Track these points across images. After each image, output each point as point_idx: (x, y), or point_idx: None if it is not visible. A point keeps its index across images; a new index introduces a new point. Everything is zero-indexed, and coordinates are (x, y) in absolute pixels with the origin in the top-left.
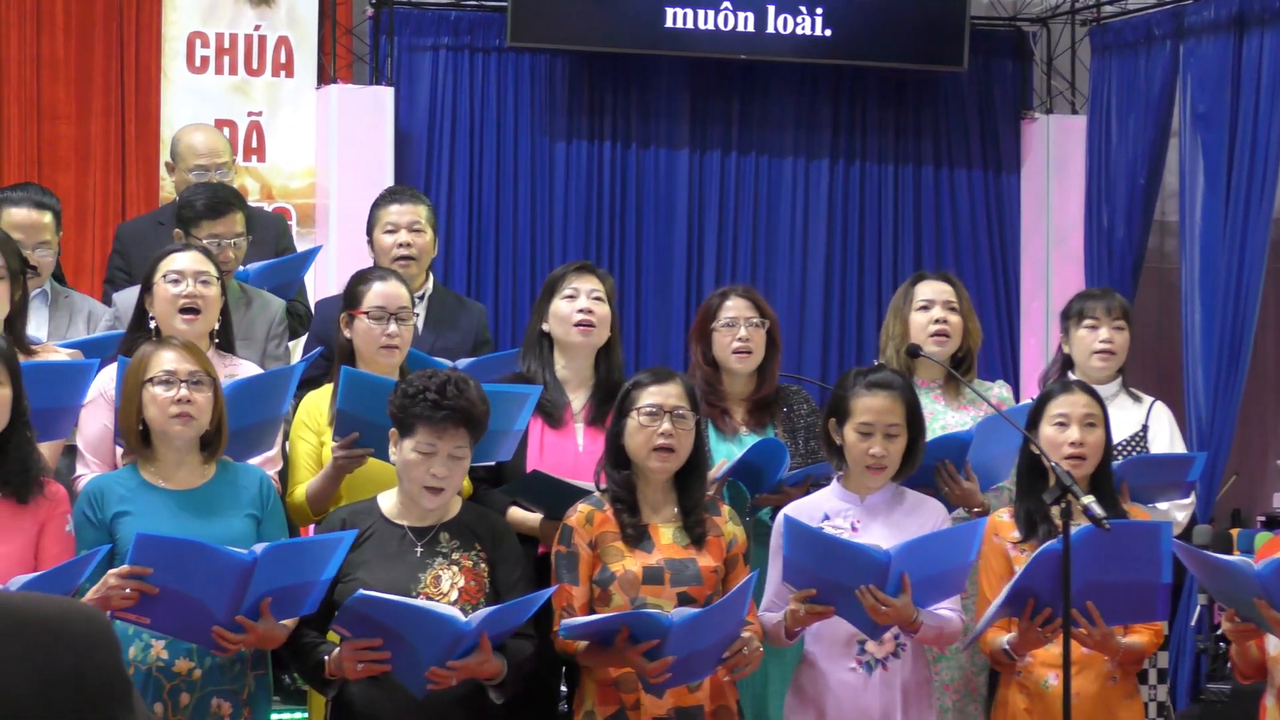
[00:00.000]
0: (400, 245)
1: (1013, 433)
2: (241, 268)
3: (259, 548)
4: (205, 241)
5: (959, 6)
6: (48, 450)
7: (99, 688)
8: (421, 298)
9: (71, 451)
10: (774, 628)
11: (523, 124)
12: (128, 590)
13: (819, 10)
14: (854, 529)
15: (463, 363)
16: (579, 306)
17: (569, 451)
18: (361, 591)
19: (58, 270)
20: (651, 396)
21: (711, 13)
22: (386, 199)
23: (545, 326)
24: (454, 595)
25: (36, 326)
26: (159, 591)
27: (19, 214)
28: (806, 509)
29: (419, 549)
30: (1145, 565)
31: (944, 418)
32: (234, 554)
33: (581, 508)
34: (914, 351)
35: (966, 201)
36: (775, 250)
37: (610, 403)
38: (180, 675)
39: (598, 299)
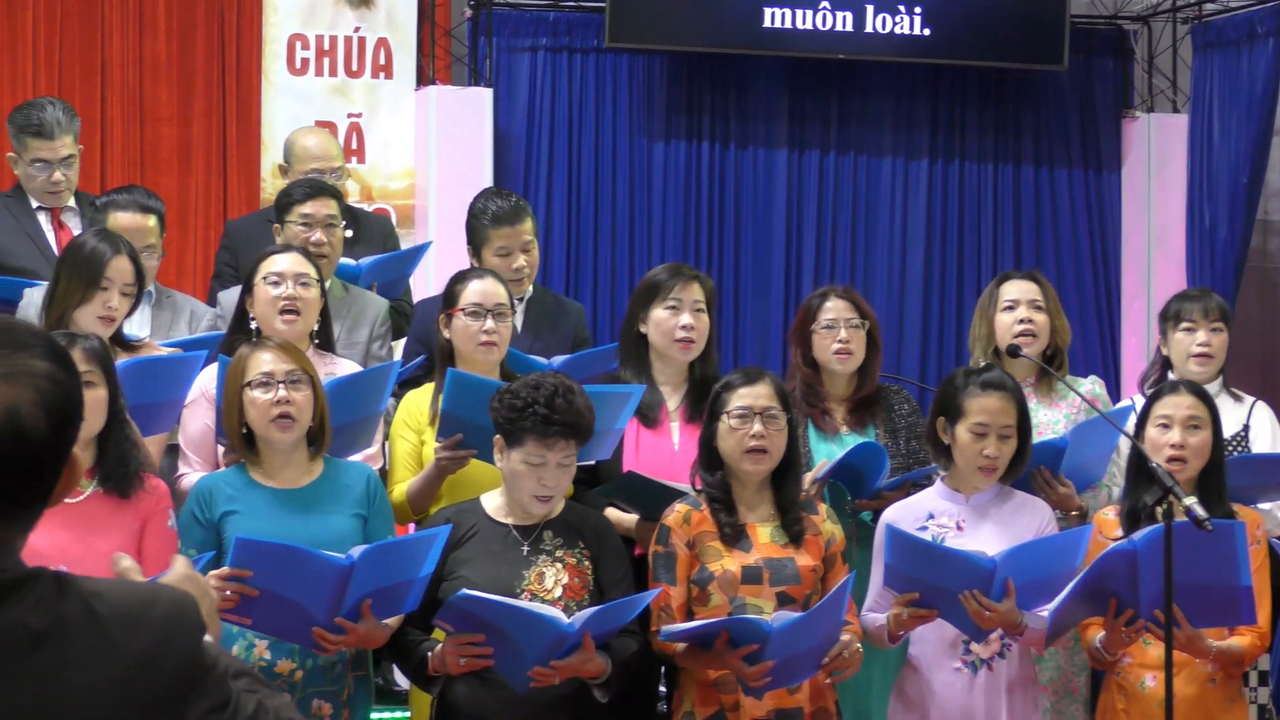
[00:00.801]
0: (514, 269)
1: (1107, 435)
2: (353, 262)
3: (356, 551)
4: (298, 225)
5: (1059, 5)
6: (153, 445)
7: (174, 675)
8: (521, 300)
9: (174, 450)
10: (877, 630)
11: (621, 124)
12: (228, 592)
13: (918, 9)
14: (959, 528)
15: (559, 360)
16: (682, 321)
17: (665, 451)
18: (464, 591)
19: None
20: (742, 398)
21: (810, 12)
22: (494, 220)
23: (642, 329)
24: (558, 592)
25: (140, 326)
26: (259, 594)
27: (125, 218)
28: (910, 508)
29: (524, 547)
30: (1223, 567)
31: (1037, 415)
32: (331, 558)
33: (679, 508)
34: (1013, 352)
35: (1067, 201)
36: (874, 250)
37: (705, 402)
38: (282, 676)
39: (699, 310)
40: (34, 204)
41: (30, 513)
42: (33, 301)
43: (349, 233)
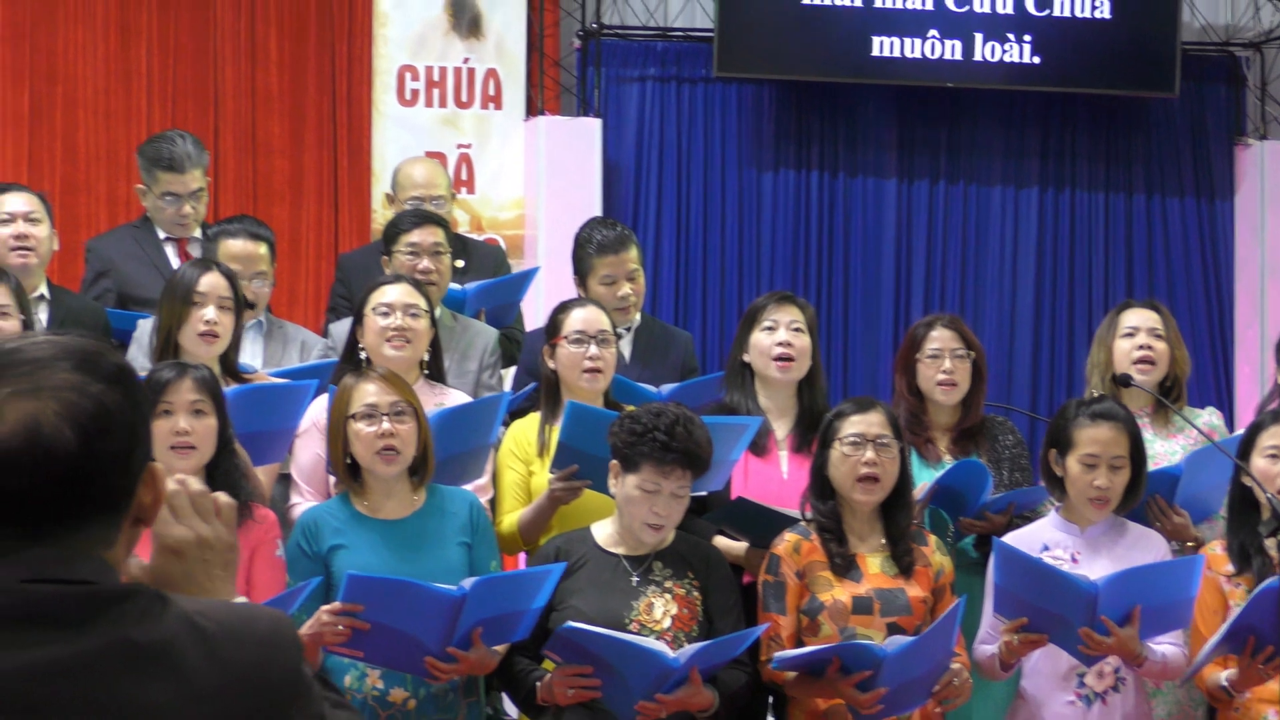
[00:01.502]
0: (619, 297)
1: (1223, 464)
2: (459, 287)
3: (468, 583)
4: (406, 254)
5: (1170, 32)
6: (264, 474)
7: (279, 687)
8: (629, 329)
9: (286, 479)
10: (988, 660)
11: (729, 153)
12: (340, 626)
13: (1027, 37)
14: (1074, 560)
15: (668, 388)
16: (778, 340)
17: (773, 479)
18: (570, 623)
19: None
20: (854, 426)
21: (919, 41)
22: (599, 249)
23: (746, 357)
24: (667, 623)
25: (251, 356)
26: (371, 627)
27: (236, 245)
28: (1025, 539)
29: (633, 577)
30: None
31: (1153, 447)
32: (443, 591)
33: (788, 537)
34: (1124, 381)
35: (1179, 229)
36: (984, 279)
37: (814, 431)
38: (395, 704)
39: (797, 330)
40: (161, 235)
41: (111, 525)
42: (145, 332)
43: (460, 263)
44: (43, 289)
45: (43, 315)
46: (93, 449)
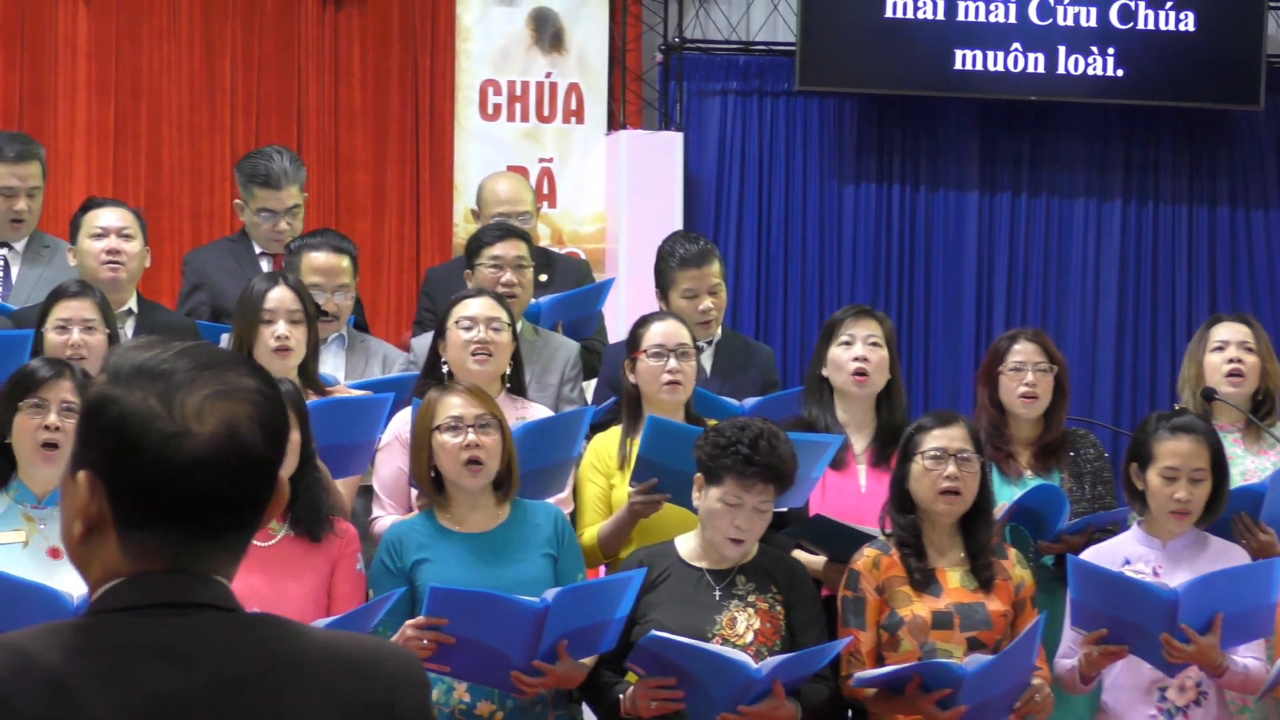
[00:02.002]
0: (700, 311)
1: None
2: (534, 300)
3: (550, 594)
4: (489, 267)
5: (1255, 44)
6: (344, 487)
7: None
8: (710, 342)
9: (367, 492)
10: (1068, 674)
11: (811, 167)
12: (425, 641)
13: (1111, 50)
14: (1155, 574)
15: (750, 402)
16: (854, 354)
17: (851, 493)
18: (654, 633)
19: (361, 317)
20: (936, 439)
21: (1001, 54)
22: (681, 263)
23: (824, 371)
24: (749, 637)
25: (333, 369)
26: (456, 641)
27: (318, 258)
28: (1107, 553)
29: (716, 591)
30: None
31: (1243, 463)
32: (526, 603)
33: (868, 552)
34: (1209, 395)
35: (1263, 242)
36: (1066, 292)
37: (893, 445)
38: (482, 718)
39: (874, 344)
40: (257, 249)
41: (245, 538)
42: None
43: (544, 277)
44: (131, 304)
45: (129, 329)
46: (273, 453)
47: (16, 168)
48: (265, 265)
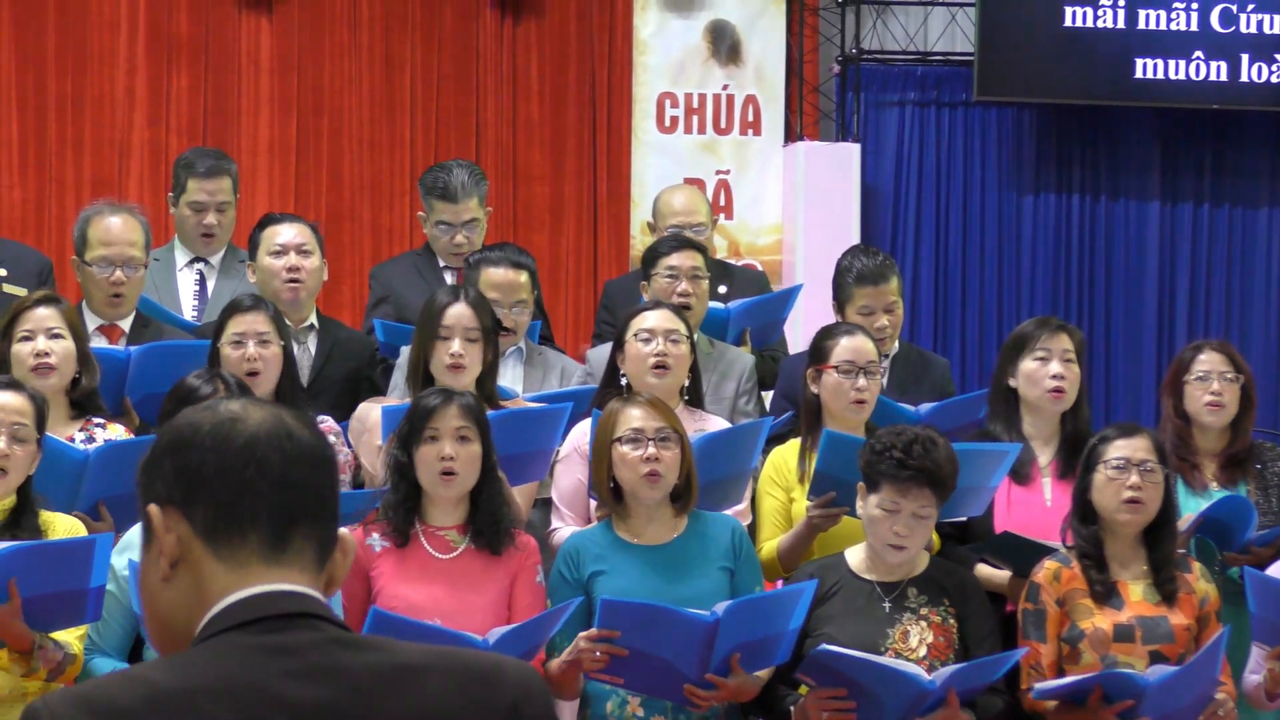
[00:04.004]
0: (876, 328)
1: None
2: (722, 306)
3: (720, 607)
4: (665, 278)
5: None
6: (521, 495)
7: None
8: (887, 357)
9: (546, 504)
10: (1254, 690)
11: (989, 178)
12: (598, 653)
13: None
14: None
15: (925, 408)
16: (1052, 371)
17: (1036, 507)
18: (824, 645)
19: (546, 328)
20: (1119, 450)
21: (1183, 63)
22: (858, 279)
23: (1011, 383)
24: (923, 651)
25: (512, 382)
26: (628, 653)
27: (497, 274)
28: None
29: (887, 604)
30: None
31: None
32: (695, 616)
33: (1048, 564)
34: None
35: None
36: (1250, 303)
37: (1077, 456)
38: None
39: (1069, 360)
40: (440, 263)
41: (321, 534)
42: (405, 359)
43: (723, 288)
44: (312, 319)
45: (311, 344)
46: (321, 443)
47: (206, 183)
48: (449, 278)
